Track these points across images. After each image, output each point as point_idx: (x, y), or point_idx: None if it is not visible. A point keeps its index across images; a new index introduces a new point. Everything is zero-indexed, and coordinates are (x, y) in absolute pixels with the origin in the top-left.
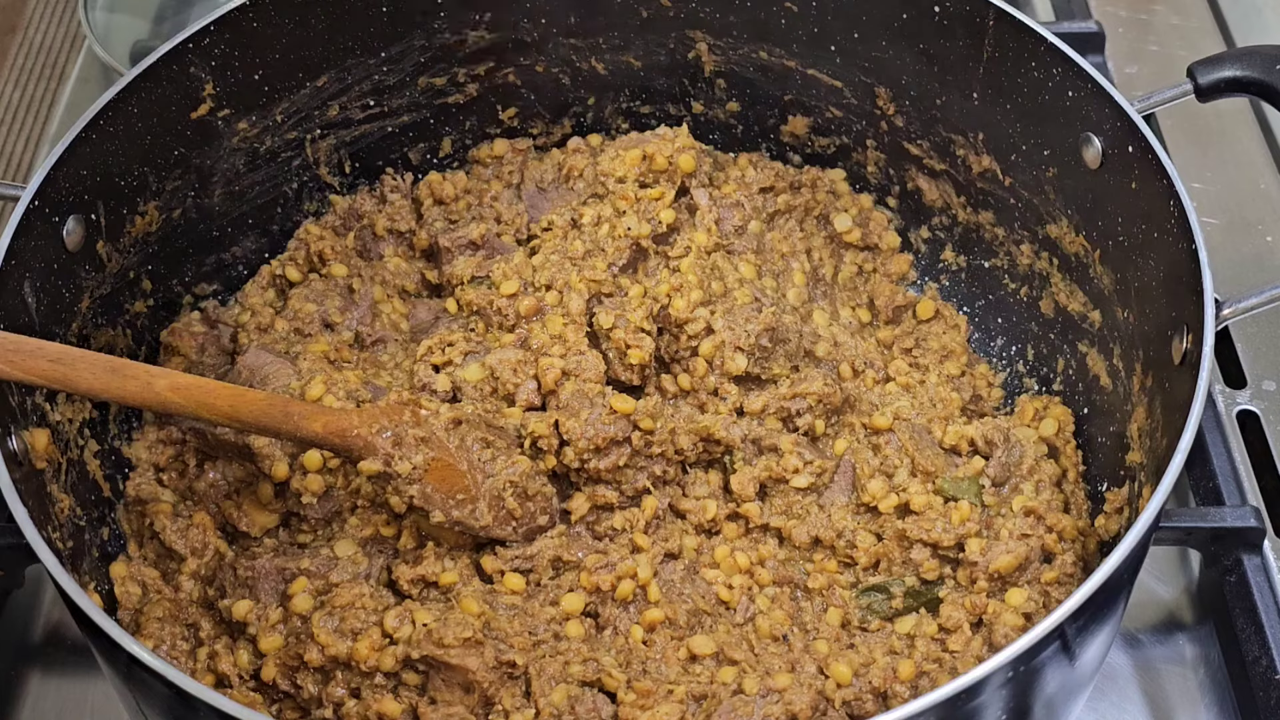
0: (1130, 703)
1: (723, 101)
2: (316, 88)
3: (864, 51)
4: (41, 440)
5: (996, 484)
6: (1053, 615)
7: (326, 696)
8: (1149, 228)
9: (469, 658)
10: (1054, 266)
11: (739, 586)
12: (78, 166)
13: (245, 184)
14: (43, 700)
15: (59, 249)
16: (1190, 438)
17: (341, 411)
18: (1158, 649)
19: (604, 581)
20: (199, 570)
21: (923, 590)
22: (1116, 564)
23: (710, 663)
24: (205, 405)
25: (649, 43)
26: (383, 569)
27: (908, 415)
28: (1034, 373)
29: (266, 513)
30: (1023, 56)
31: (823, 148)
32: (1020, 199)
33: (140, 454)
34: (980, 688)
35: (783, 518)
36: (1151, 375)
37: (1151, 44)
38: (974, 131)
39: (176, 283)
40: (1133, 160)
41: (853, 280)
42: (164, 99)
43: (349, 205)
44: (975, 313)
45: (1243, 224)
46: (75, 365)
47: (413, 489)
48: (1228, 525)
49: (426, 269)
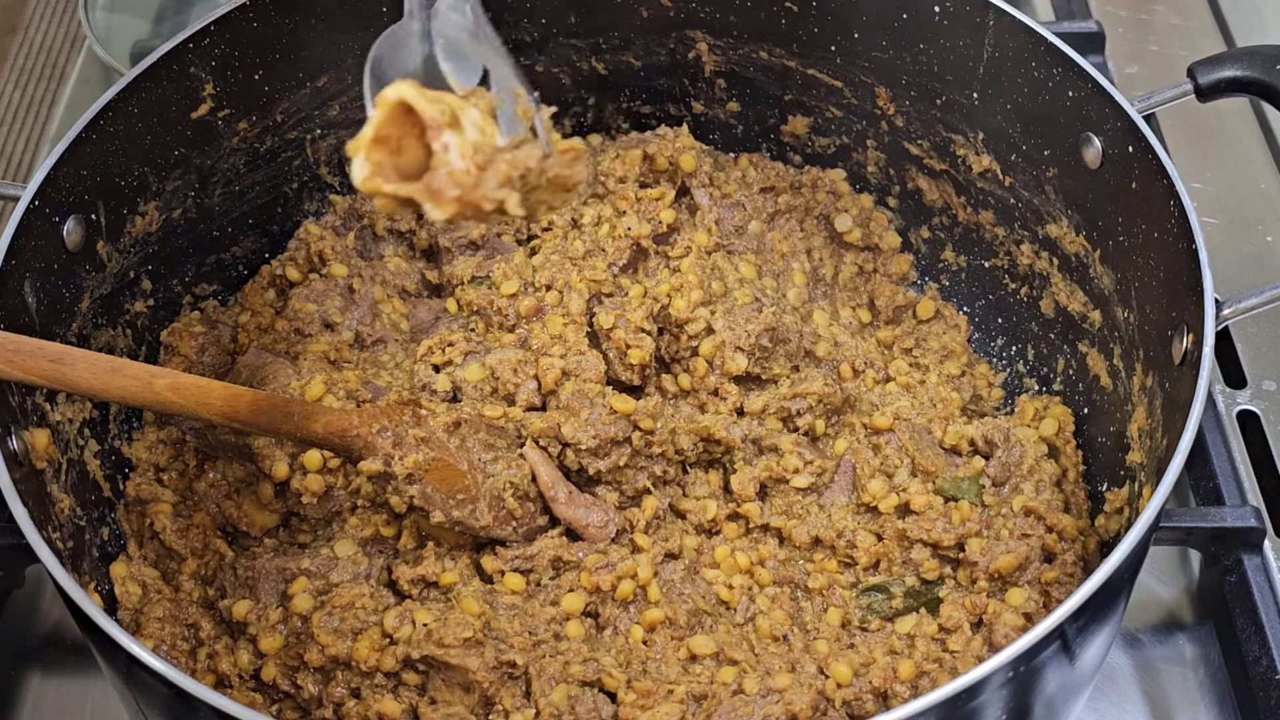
0: (1130, 703)
1: (723, 101)
2: (317, 88)
3: (864, 51)
4: (42, 440)
5: (997, 484)
6: (1053, 615)
7: (327, 696)
8: (1149, 228)
9: (469, 658)
10: (1054, 266)
11: (739, 586)
12: (78, 167)
13: (245, 184)
14: (43, 700)
15: (59, 249)
16: (1191, 438)
17: (341, 411)
18: (1158, 649)
19: (604, 581)
20: (199, 570)
21: (923, 590)
22: (1117, 564)
23: (710, 663)
24: (205, 405)
25: (649, 43)
26: (383, 569)
27: (908, 415)
28: (1034, 373)
29: (266, 513)
30: (1023, 56)
31: (823, 148)
32: (1020, 199)
33: (140, 454)
34: (980, 688)
35: (783, 518)
36: (1152, 375)
37: (1151, 44)
38: (974, 131)
39: (177, 283)
40: (1133, 160)
41: (853, 280)
42: (164, 99)
43: (349, 205)
44: (975, 313)
45: (1243, 224)
46: (75, 365)
47: (413, 489)
48: (1228, 525)
49: (427, 269)
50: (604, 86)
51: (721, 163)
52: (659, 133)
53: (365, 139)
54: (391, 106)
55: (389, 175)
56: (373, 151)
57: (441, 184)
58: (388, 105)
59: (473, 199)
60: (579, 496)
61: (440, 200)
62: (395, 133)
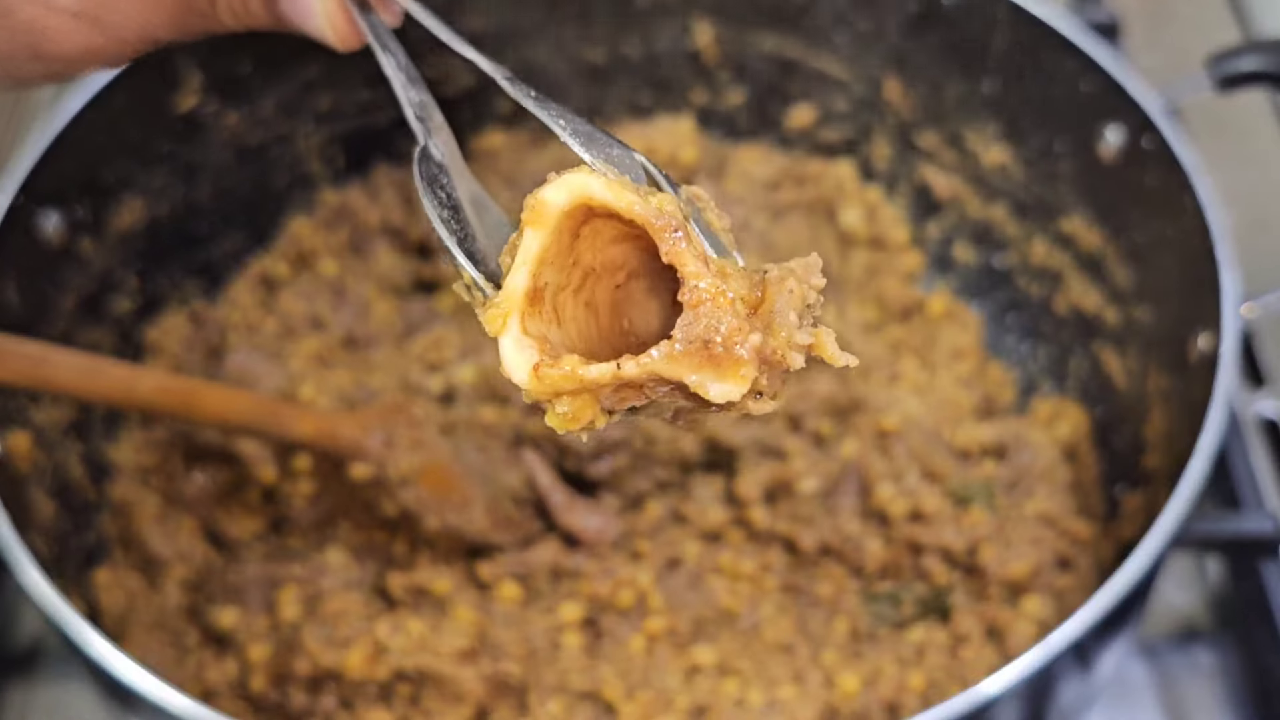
0: (1146, 713)
1: (727, 92)
2: (307, 80)
3: (872, 41)
4: (24, 443)
5: (1009, 488)
6: (1069, 625)
7: (316, 707)
8: (1166, 223)
9: (463, 668)
10: (1069, 263)
11: (743, 594)
12: (61, 162)
13: (234, 179)
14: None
15: (42, 247)
16: (1210, 441)
17: (332, 414)
18: (1174, 657)
19: (603, 589)
20: (185, 576)
21: (933, 598)
22: (1136, 572)
23: (713, 673)
24: (192, 406)
25: (650, 31)
26: (375, 576)
27: (917, 417)
28: (1048, 373)
29: (254, 517)
30: (1036, 47)
31: (830, 140)
32: (1033, 193)
33: (125, 457)
34: (993, 700)
35: (789, 523)
36: (1169, 376)
37: (1169, 35)
38: (986, 123)
39: (163, 280)
40: (1150, 154)
41: (861, 278)
42: (150, 92)
43: (340, 200)
44: (987, 311)
45: (1262, 220)
46: (57, 365)
47: (406, 493)
48: (1245, 531)
49: (420, 265)
50: (603, 76)
51: (725, 155)
52: (661, 124)
53: (516, 294)
54: (563, 216)
55: (551, 354)
56: (531, 317)
57: (710, 330)
58: (554, 214)
59: (772, 347)
60: (578, 501)
61: (732, 364)
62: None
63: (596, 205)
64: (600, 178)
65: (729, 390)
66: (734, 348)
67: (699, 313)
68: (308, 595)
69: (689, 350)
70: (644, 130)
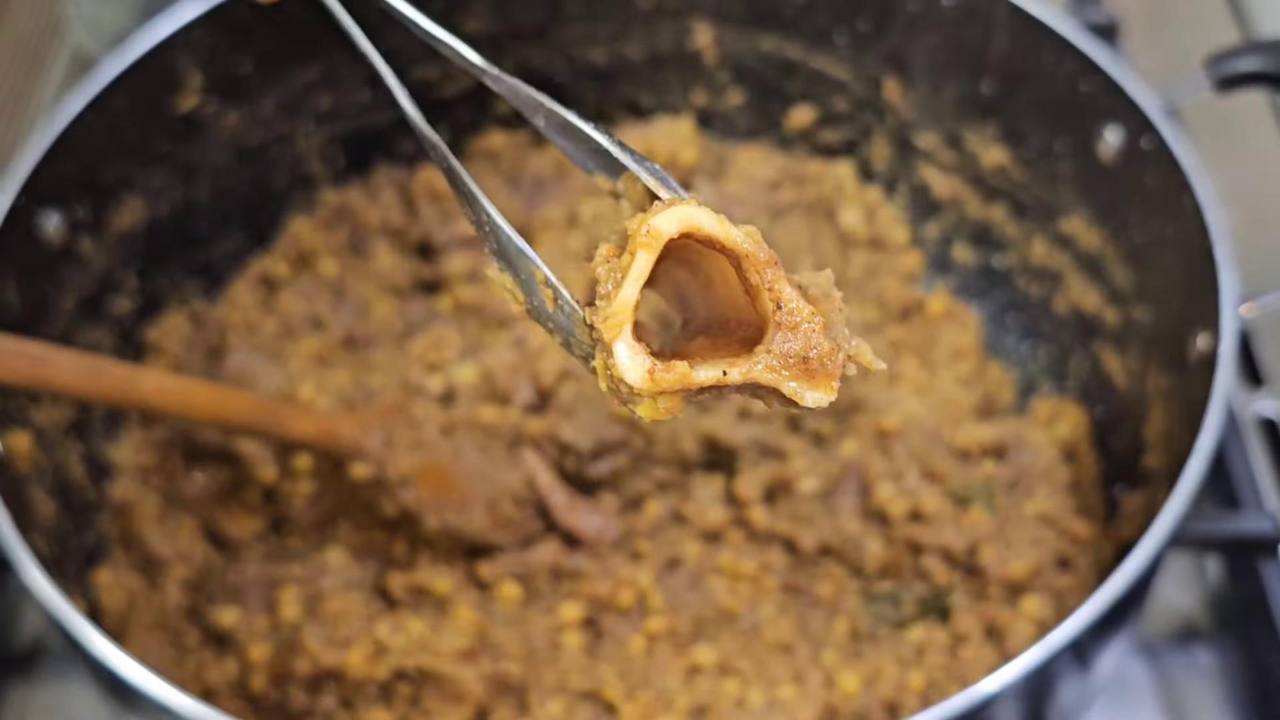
0: (1145, 713)
1: (727, 93)
2: (307, 80)
3: (871, 42)
4: (25, 443)
5: (1009, 488)
6: (1069, 625)
7: (316, 707)
8: (1166, 223)
9: (463, 668)
10: (1068, 263)
11: (744, 594)
12: (61, 162)
13: (234, 179)
14: (29, 708)
15: (42, 247)
16: (1209, 440)
17: (332, 414)
18: (1173, 657)
19: (603, 589)
20: (186, 576)
21: (933, 598)
22: (1135, 571)
23: (713, 673)
24: (192, 406)
25: (650, 32)
26: (375, 576)
27: (917, 417)
28: (1048, 373)
29: (254, 517)
30: (1036, 47)
31: (829, 141)
32: (1033, 194)
33: (125, 457)
34: (992, 699)
35: (789, 523)
36: (1168, 375)
37: (1169, 35)
38: (985, 124)
39: (163, 280)
40: (1149, 154)
41: (860, 278)
42: (150, 92)
43: (340, 200)
44: (987, 311)
45: (1261, 220)
46: (57, 365)
47: (406, 494)
48: (1244, 531)
49: (420, 266)
50: (603, 77)
51: (725, 156)
52: (660, 125)
53: (629, 305)
54: (665, 242)
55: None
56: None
57: (807, 348)
58: (664, 240)
59: (838, 361)
60: (578, 501)
61: (826, 377)
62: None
63: (700, 235)
64: (707, 211)
65: (821, 398)
66: (827, 364)
67: (798, 333)
68: (308, 595)
69: (786, 364)
70: (644, 131)
